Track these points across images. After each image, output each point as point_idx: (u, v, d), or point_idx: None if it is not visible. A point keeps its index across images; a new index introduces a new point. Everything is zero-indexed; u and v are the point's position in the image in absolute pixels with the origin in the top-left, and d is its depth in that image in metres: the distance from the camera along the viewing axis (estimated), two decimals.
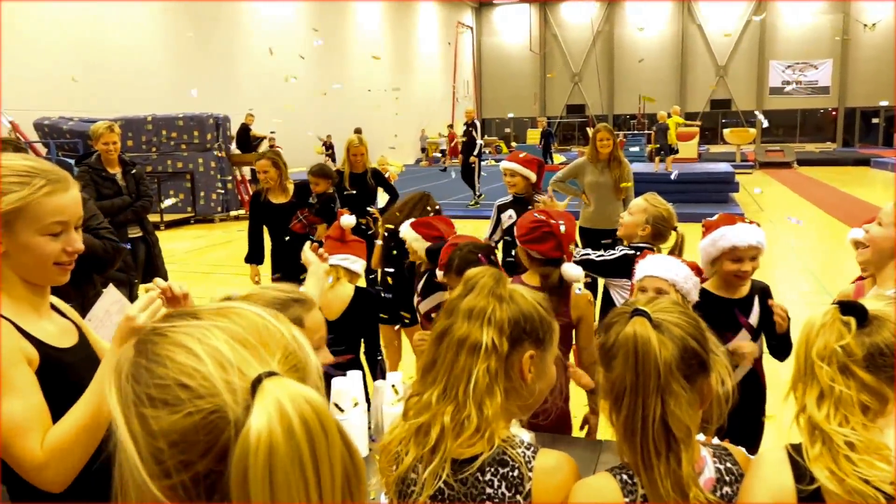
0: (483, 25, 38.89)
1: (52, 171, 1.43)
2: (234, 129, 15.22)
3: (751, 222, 2.60)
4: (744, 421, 1.80)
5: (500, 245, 4.50)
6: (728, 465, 1.29)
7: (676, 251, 3.02)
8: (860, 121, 34.44)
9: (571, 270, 2.61)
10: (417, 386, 1.37)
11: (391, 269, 4.02)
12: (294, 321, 1.47)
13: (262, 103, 18.13)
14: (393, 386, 2.17)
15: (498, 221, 4.49)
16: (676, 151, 18.62)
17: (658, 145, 18.27)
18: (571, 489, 1.27)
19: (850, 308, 1.22)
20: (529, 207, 4.11)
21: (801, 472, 1.18)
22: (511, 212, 4.38)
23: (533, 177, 4.38)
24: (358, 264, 3.03)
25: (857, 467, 1.12)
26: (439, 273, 2.78)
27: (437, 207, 3.95)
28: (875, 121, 34.15)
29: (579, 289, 2.67)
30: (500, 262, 3.15)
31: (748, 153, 25.60)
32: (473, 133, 13.66)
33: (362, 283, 3.26)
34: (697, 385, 1.26)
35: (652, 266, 2.38)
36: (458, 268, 2.61)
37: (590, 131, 23.62)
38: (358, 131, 19.48)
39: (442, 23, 34.14)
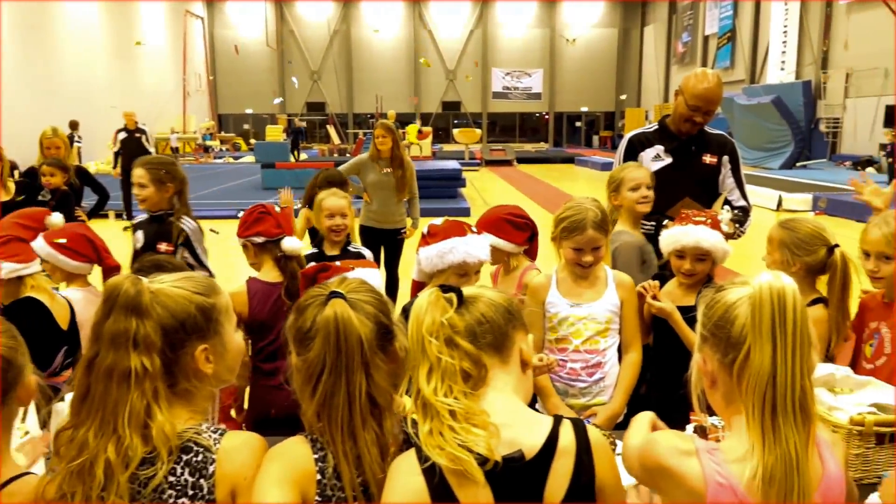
0: (216, 17, 37.06)
1: None
2: None
3: (478, 232, 2.51)
4: None
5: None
6: None
7: None
8: (567, 124, 39.19)
9: (290, 244, 2.64)
10: (71, 419, 1.27)
11: None
12: None
13: None
14: None
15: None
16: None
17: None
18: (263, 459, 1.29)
19: (448, 289, 1.31)
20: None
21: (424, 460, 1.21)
22: (140, 233, 3.32)
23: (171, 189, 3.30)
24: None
25: (458, 434, 1.17)
26: None
27: None
28: (578, 124, 39.13)
29: None
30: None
31: (476, 152, 27.72)
32: (144, 141, 11.12)
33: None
34: (390, 353, 1.37)
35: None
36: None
37: (330, 129, 23.89)
38: (73, 126, 17.39)
39: (169, 11, 31.80)
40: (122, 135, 11.27)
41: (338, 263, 2.29)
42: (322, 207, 3.19)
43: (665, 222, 2.96)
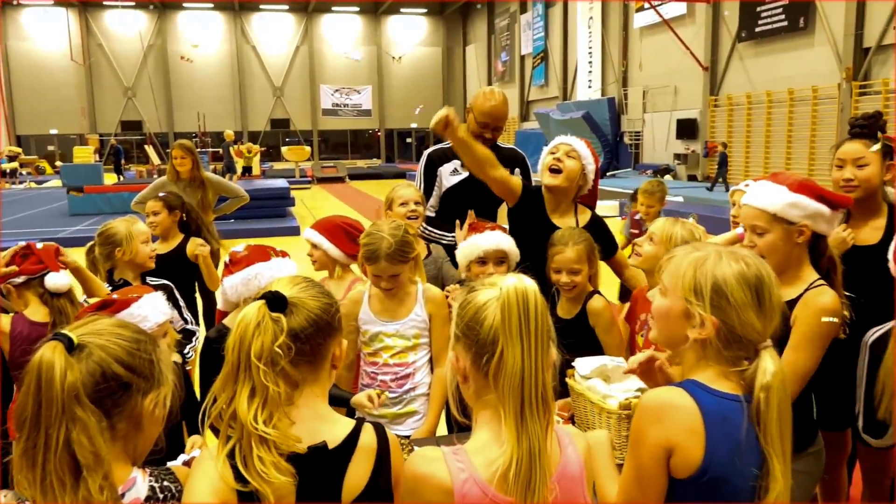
0: (9, 28, 33.50)
1: None
2: None
3: (282, 254, 2.48)
4: None
5: None
6: (166, 483, 1.28)
7: None
8: (398, 140, 39.78)
9: (53, 280, 2.49)
10: None
11: None
12: None
13: None
14: None
15: None
16: (236, 171, 19.19)
17: (227, 164, 18.57)
18: None
19: (273, 300, 1.28)
20: None
21: (236, 471, 1.21)
22: None
23: None
24: None
25: (265, 467, 1.20)
26: None
27: None
28: (409, 140, 39.84)
29: None
30: None
31: (307, 169, 27.35)
32: None
33: None
34: (126, 410, 1.23)
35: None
36: None
37: (149, 149, 22.75)
38: None
39: None
40: None
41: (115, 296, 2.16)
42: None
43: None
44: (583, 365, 2.31)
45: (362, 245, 2.53)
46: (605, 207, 14.58)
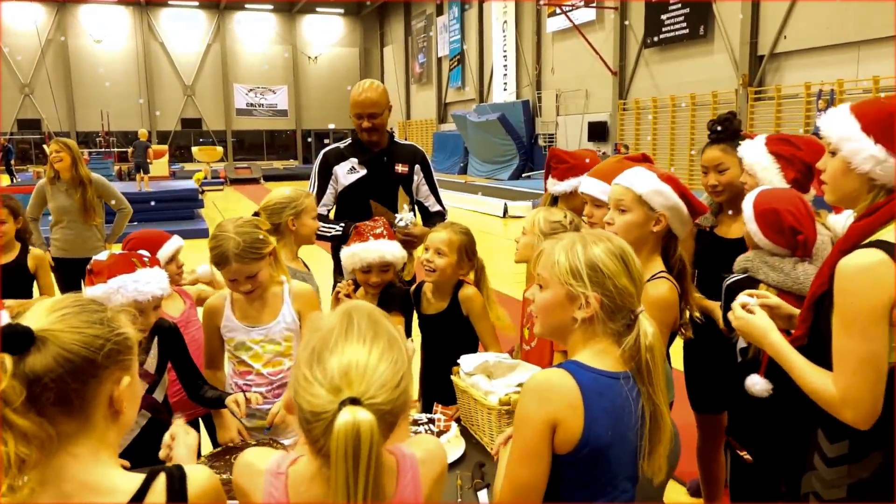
0: None
1: None
2: None
3: (151, 263, 2.29)
4: None
5: None
6: None
7: None
8: (316, 141, 39.22)
9: None
10: None
11: None
12: None
13: None
14: None
15: None
16: (149, 171, 18.50)
17: (137, 162, 17.86)
18: None
19: (9, 337, 1.03)
20: None
21: None
22: None
23: None
24: None
25: None
26: None
27: None
28: (327, 141, 39.36)
29: None
30: None
31: (220, 170, 26.59)
32: None
33: None
34: None
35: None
36: None
37: (47, 149, 21.56)
38: None
39: None
40: None
41: None
42: None
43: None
44: (467, 362, 2.33)
45: (210, 250, 2.37)
46: (519, 208, 14.84)
